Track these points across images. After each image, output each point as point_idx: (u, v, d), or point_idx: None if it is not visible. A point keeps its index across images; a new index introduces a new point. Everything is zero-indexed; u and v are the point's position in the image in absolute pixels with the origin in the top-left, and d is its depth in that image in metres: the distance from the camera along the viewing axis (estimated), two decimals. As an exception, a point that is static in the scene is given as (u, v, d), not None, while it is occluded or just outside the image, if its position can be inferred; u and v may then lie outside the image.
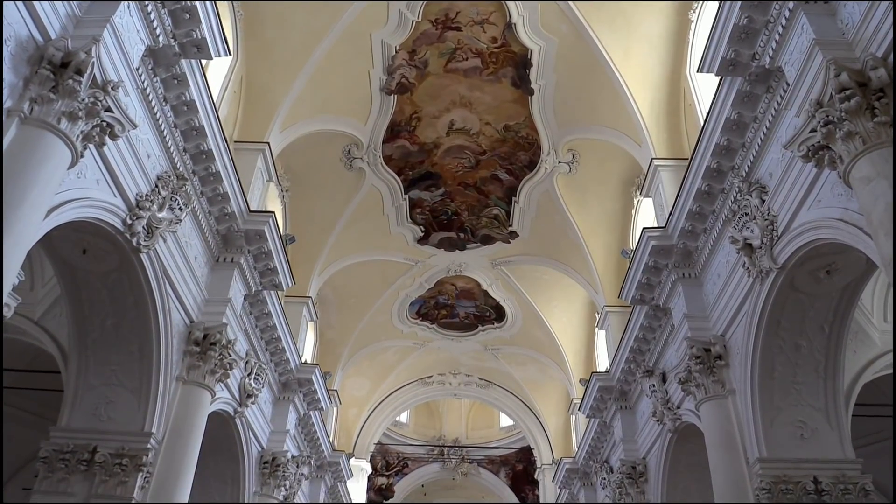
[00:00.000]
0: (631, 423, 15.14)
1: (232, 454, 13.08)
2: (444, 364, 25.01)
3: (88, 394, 9.55)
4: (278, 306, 13.66)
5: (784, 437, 9.26)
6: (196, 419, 10.26)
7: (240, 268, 11.68)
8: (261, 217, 11.78)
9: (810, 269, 8.66)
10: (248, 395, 12.63)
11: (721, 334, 10.49)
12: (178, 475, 9.68)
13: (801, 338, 9.24)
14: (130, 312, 9.45)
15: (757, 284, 9.24)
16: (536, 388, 24.51)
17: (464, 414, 31.08)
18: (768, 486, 8.95)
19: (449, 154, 16.74)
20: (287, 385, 15.48)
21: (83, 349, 9.56)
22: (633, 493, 14.19)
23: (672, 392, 12.34)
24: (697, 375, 10.45)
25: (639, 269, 12.12)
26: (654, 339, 13.30)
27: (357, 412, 24.93)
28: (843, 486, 8.92)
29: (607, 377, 15.48)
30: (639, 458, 14.41)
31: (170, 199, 9.33)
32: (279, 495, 14.57)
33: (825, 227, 7.72)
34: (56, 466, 9.02)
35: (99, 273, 9.17)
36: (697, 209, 10.71)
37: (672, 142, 13.28)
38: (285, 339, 14.36)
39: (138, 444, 9.28)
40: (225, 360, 10.80)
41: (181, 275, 10.23)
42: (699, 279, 11.37)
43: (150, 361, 9.59)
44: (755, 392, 9.40)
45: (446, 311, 22.22)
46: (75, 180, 7.58)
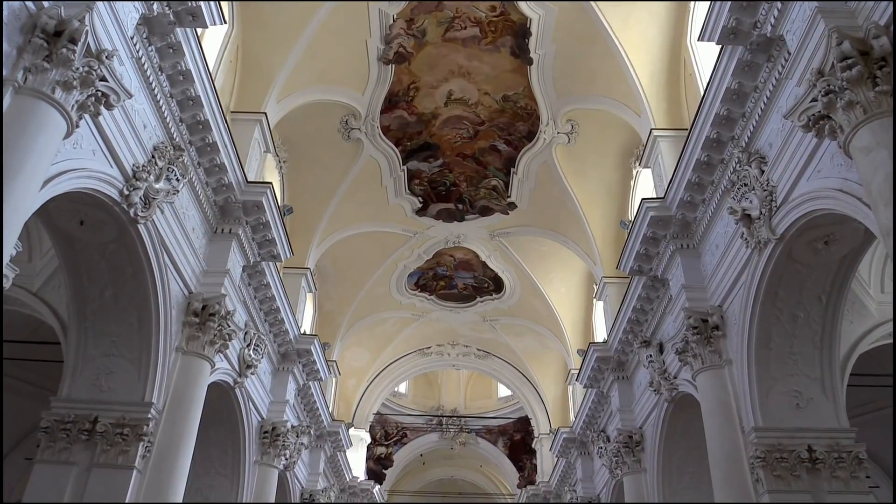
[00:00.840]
0: (628, 393, 15.26)
1: (232, 424, 13.18)
2: (443, 335, 25.13)
3: (88, 365, 9.60)
4: (277, 277, 13.68)
5: (780, 407, 9.33)
6: (196, 389, 10.32)
7: (238, 239, 11.67)
8: (258, 188, 11.73)
9: (808, 240, 8.66)
10: (247, 366, 12.70)
11: (718, 305, 10.53)
12: (178, 444, 9.77)
13: (799, 308, 9.27)
14: (129, 283, 9.45)
15: (755, 255, 9.25)
16: (534, 358, 24.66)
17: (462, 384, 31.31)
18: (763, 455, 9.04)
19: (447, 125, 16.64)
20: (286, 356, 15.56)
21: (82, 320, 9.58)
22: (630, 462, 14.35)
23: (669, 362, 12.42)
24: (694, 346, 10.51)
25: (637, 239, 12.12)
26: (651, 309, 13.36)
27: (356, 383, 25.11)
28: (836, 454, 9.01)
29: (605, 348, 15.57)
30: (635, 428, 14.54)
31: (167, 169, 9.29)
32: (279, 464, 14.72)
33: (824, 197, 7.70)
34: (57, 436, 9.09)
35: (97, 244, 9.16)
36: (696, 180, 10.68)
37: (672, 112, 13.20)
38: (284, 310, 14.41)
39: (139, 413, 9.35)
40: (224, 330, 10.84)
41: (179, 246, 10.22)
42: (697, 250, 11.38)
43: (149, 332, 9.62)
44: (752, 362, 9.45)
45: (445, 282, 22.27)
46: (71, 151, 7.53)
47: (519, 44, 14.58)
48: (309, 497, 18.56)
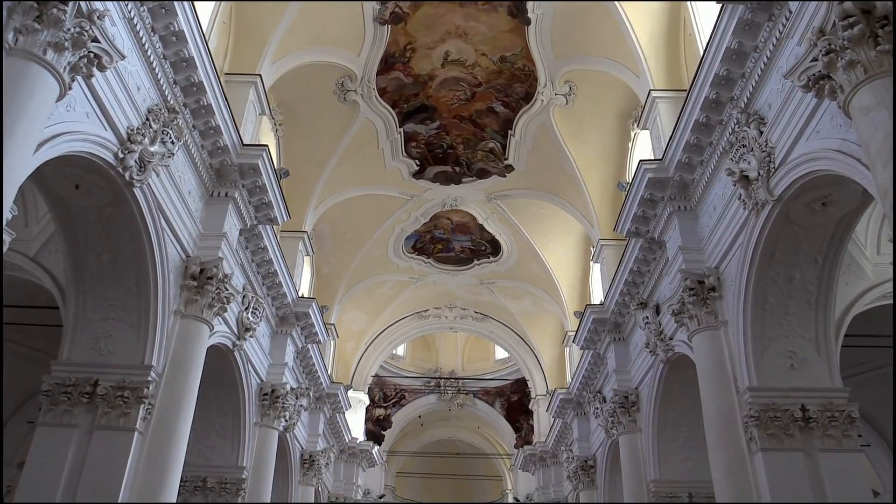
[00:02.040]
0: (624, 355, 15.39)
1: (232, 386, 13.30)
2: (440, 298, 25.23)
3: (87, 328, 9.63)
4: (274, 241, 13.68)
5: (774, 367, 9.42)
6: (195, 352, 10.39)
7: (234, 202, 11.63)
8: (254, 150, 11.66)
9: (806, 202, 8.65)
10: (245, 329, 12.77)
11: (715, 266, 10.56)
12: (179, 406, 9.86)
13: (795, 270, 9.30)
14: (126, 247, 9.44)
15: (752, 217, 9.25)
16: (531, 320, 24.82)
17: (460, 347, 31.54)
18: (757, 414, 9.16)
19: (444, 86, 16.49)
20: (284, 319, 15.63)
21: (80, 284, 9.59)
22: (625, 422, 14.53)
23: (665, 324, 12.50)
24: (691, 307, 10.57)
25: (634, 201, 12.10)
26: (648, 271, 13.41)
27: (354, 345, 25.28)
28: (829, 413, 9.12)
29: (601, 309, 15.66)
30: (631, 388, 14.71)
31: (161, 132, 9.21)
32: (279, 426, 14.89)
33: (823, 158, 7.68)
34: (59, 399, 9.15)
35: (93, 208, 9.11)
36: (695, 141, 10.62)
37: (671, 73, 13.08)
38: (282, 274, 14.44)
39: (139, 376, 9.41)
40: (222, 294, 10.87)
41: (175, 209, 10.19)
42: (694, 212, 11.37)
43: (147, 296, 9.64)
44: (747, 323, 9.52)
45: (442, 245, 22.28)
46: (64, 113, 7.46)
47: (517, 3, 14.37)
48: (309, 458, 18.82)
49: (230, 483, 13.12)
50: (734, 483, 9.37)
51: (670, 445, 13.25)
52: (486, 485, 35.74)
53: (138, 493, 9.04)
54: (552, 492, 23.67)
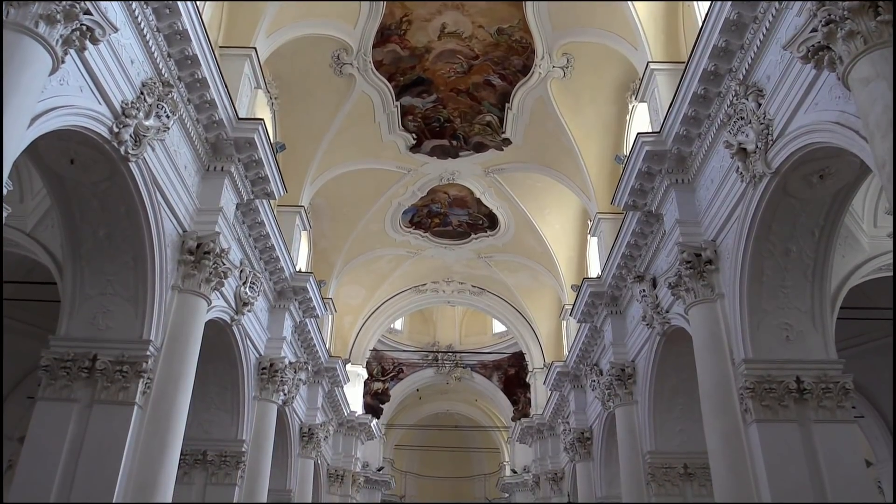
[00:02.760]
0: (621, 328, 15.46)
1: (230, 361, 13.35)
2: (438, 272, 25.26)
3: (85, 304, 9.63)
4: (271, 215, 13.65)
5: (770, 339, 9.48)
6: (193, 327, 10.41)
7: (230, 176, 11.59)
8: (250, 124, 11.59)
9: (804, 174, 8.64)
10: (243, 304, 12.79)
11: (712, 239, 10.57)
12: (178, 381, 9.90)
13: (791, 242, 9.32)
14: (122, 222, 9.41)
15: (750, 189, 9.24)
16: (529, 294, 24.89)
17: (457, 320, 31.65)
18: (752, 386, 9.23)
19: (441, 59, 16.35)
20: (282, 293, 15.66)
21: (77, 260, 9.57)
22: (622, 394, 14.64)
23: (662, 297, 12.55)
24: (687, 280, 10.61)
25: (632, 174, 12.08)
26: (645, 245, 13.42)
27: (352, 320, 25.35)
28: (824, 385, 9.20)
29: (599, 283, 15.70)
30: (628, 361, 14.80)
31: (156, 106, 9.14)
32: (278, 399, 14.98)
33: (821, 130, 7.65)
34: (58, 374, 9.18)
35: (88, 183, 9.07)
36: (693, 113, 10.58)
37: (669, 45, 12.97)
38: (279, 248, 14.43)
39: (137, 351, 9.44)
40: (219, 268, 10.87)
41: (171, 184, 10.15)
42: (692, 185, 11.36)
43: (144, 271, 9.63)
44: (743, 296, 9.55)
45: (439, 219, 22.27)
46: (58, 87, 7.39)
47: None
48: (308, 431, 18.96)
49: (230, 456, 13.24)
50: (729, 453, 9.47)
51: (666, 417, 13.37)
52: (483, 457, 36.12)
53: (139, 467, 9.12)
54: (549, 463, 23.92)
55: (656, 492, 12.93)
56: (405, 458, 35.53)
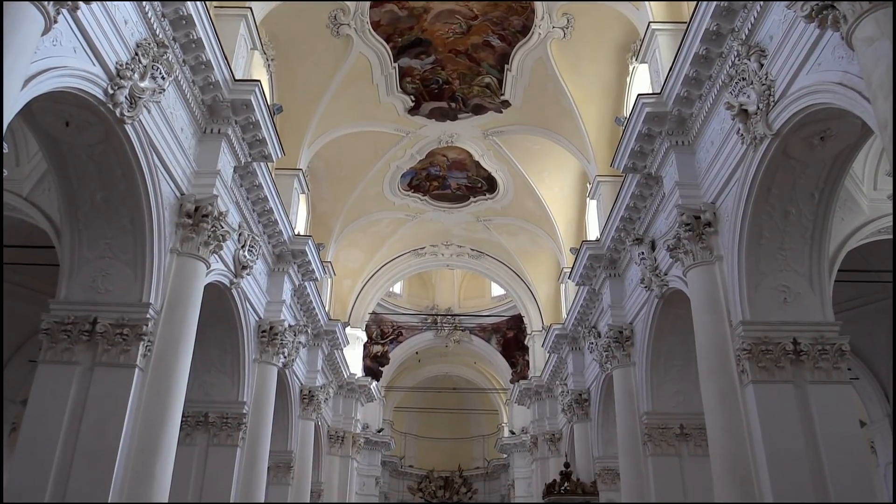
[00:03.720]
0: (619, 290, 15.51)
1: (230, 324, 13.40)
2: (437, 235, 25.25)
3: (84, 267, 9.63)
4: (269, 178, 13.59)
5: (767, 301, 9.51)
6: (192, 290, 10.43)
7: (227, 139, 11.50)
8: (246, 86, 11.46)
9: (804, 136, 8.58)
10: (242, 267, 12.80)
11: (711, 202, 10.55)
12: (178, 343, 9.95)
13: (791, 205, 9.29)
14: (119, 185, 9.36)
15: (750, 151, 9.19)
16: (527, 257, 24.91)
17: (456, 284, 31.73)
18: (749, 347, 9.29)
19: (439, 19, 16.09)
20: (281, 256, 15.67)
21: (75, 223, 9.54)
22: (619, 356, 14.75)
23: (660, 259, 12.56)
24: (686, 242, 10.61)
25: (632, 136, 12.00)
26: (644, 207, 13.39)
27: (351, 283, 25.41)
28: (820, 346, 9.25)
29: (597, 246, 15.70)
30: (626, 323, 14.87)
31: (151, 67, 9.03)
32: (278, 362, 15.09)
33: (823, 91, 7.58)
34: (59, 337, 9.22)
35: (84, 146, 8.99)
36: (694, 74, 10.46)
37: (671, 5, 12.78)
38: (277, 211, 14.39)
39: (137, 314, 9.46)
40: (218, 231, 10.85)
41: (168, 146, 10.07)
42: (692, 147, 11.29)
43: (142, 234, 9.61)
44: (742, 258, 9.56)
45: (438, 182, 22.17)
46: (51, 48, 7.28)
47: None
48: (308, 393, 19.14)
49: (231, 418, 13.38)
50: (725, 413, 9.58)
51: (663, 378, 13.49)
52: (482, 418, 36.51)
53: (141, 428, 9.21)
54: (547, 425, 24.20)
55: (652, 451, 13.10)
56: (405, 419, 35.93)
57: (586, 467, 18.87)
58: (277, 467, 17.42)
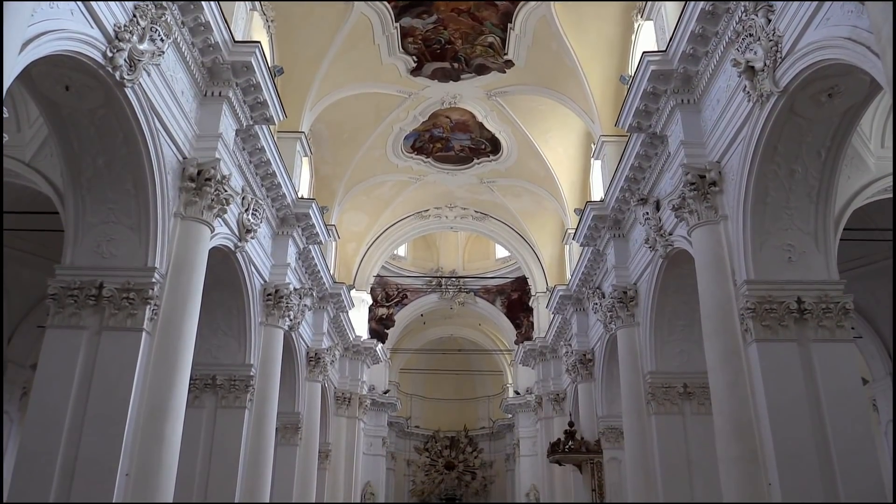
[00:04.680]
0: (623, 251, 15.51)
1: (235, 287, 13.46)
2: (440, 197, 25.19)
3: (89, 232, 9.65)
4: (271, 141, 13.52)
5: (772, 260, 9.50)
6: (197, 253, 10.45)
7: (228, 101, 11.41)
8: (246, 48, 11.33)
9: (812, 93, 8.47)
10: (246, 231, 12.81)
11: (717, 161, 10.47)
12: (184, 307, 10.00)
13: (797, 163, 9.22)
14: (121, 149, 9.32)
15: (756, 109, 9.09)
16: (532, 219, 24.88)
17: (460, 246, 31.75)
18: (753, 306, 9.30)
19: (441, -23, 15.85)
20: (285, 220, 15.67)
21: (78, 188, 9.53)
22: (624, 317, 14.80)
23: (665, 219, 12.52)
24: (691, 202, 10.56)
25: (637, 95, 11.88)
26: (649, 167, 13.31)
27: (356, 246, 25.45)
28: (824, 305, 9.27)
29: (602, 206, 15.65)
30: (630, 284, 14.90)
31: (150, 29, 8.91)
32: (284, 325, 15.19)
33: (831, 46, 7.45)
34: (66, 302, 9.28)
35: (85, 110, 8.94)
36: (700, 31, 10.30)
37: (677, -41, 12.53)
38: (280, 174, 14.35)
39: (143, 278, 9.51)
40: (221, 195, 10.84)
41: (169, 110, 10.00)
42: (698, 105, 11.17)
43: (146, 198, 9.60)
44: (747, 217, 9.52)
45: (441, 144, 22.02)
46: (48, 11, 7.19)
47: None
48: (314, 355, 19.30)
49: (239, 380, 13.52)
50: (728, 371, 9.64)
51: (667, 338, 13.56)
52: (487, 379, 36.87)
53: (150, 390, 9.32)
54: (551, 385, 24.41)
55: (656, 410, 13.23)
56: (410, 381, 36.28)
57: (590, 426, 19.08)
58: (286, 428, 17.66)
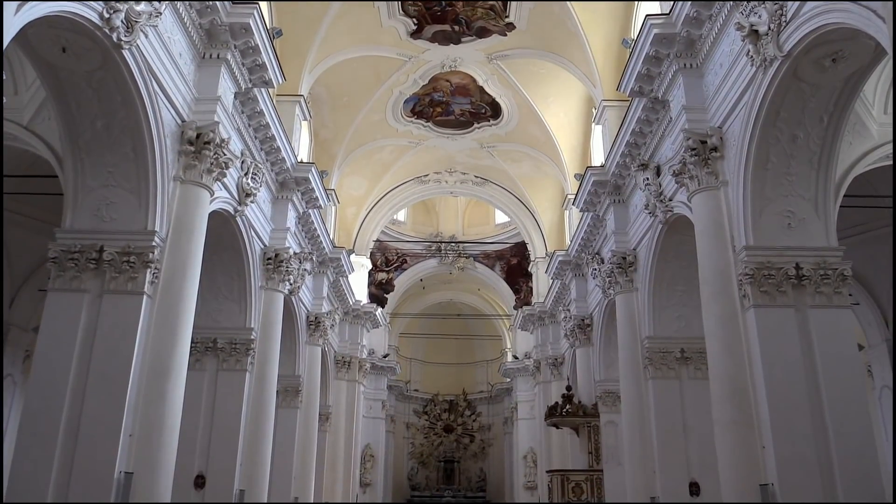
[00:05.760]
0: (623, 216, 15.50)
1: (236, 251, 13.49)
2: (440, 162, 25.09)
3: (88, 196, 9.63)
4: (270, 104, 13.42)
5: (771, 227, 9.51)
6: (197, 217, 10.45)
7: (227, 64, 11.30)
8: (245, 9, 11.17)
9: (816, 58, 8.39)
10: (246, 195, 12.79)
11: (718, 126, 10.42)
12: (184, 270, 10.03)
13: (799, 129, 9.17)
14: (119, 112, 9.26)
15: (760, 74, 9.01)
16: (531, 184, 24.82)
17: (460, 211, 31.73)
18: (752, 272, 9.34)
19: (441, -63, 15.58)
20: (285, 184, 15.63)
21: (76, 152, 9.49)
22: (622, 282, 14.86)
23: (665, 185, 12.50)
24: (692, 167, 10.53)
25: (639, 59, 11.77)
26: (650, 132, 13.25)
27: (355, 211, 25.44)
28: (823, 271, 9.29)
29: (602, 171, 15.61)
30: (629, 249, 14.92)
31: (146, -11, 8.79)
32: (284, 289, 15.25)
33: (837, 10, 7.36)
34: (66, 266, 9.30)
35: (82, 73, 8.86)
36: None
37: (682, -81, 12.30)
38: (279, 138, 14.28)
39: (143, 242, 9.52)
40: (220, 158, 10.80)
41: (167, 72, 9.91)
42: (700, 70, 11.07)
43: (145, 162, 9.57)
44: (747, 183, 9.50)
45: (441, 108, 21.85)
46: (43, -30, 7.09)
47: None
48: (315, 319, 19.41)
49: (240, 344, 13.62)
50: (725, 337, 9.72)
51: (665, 304, 13.63)
52: (486, 344, 37.15)
53: (151, 353, 9.40)
54: (549, 349, 24.60)
55: (653, 375, 13.36)
56: (410, 345, 36.55)
57: (588, 390, 19.29)
58: (286, 391, 17.85)
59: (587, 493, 18.04)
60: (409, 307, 33.53)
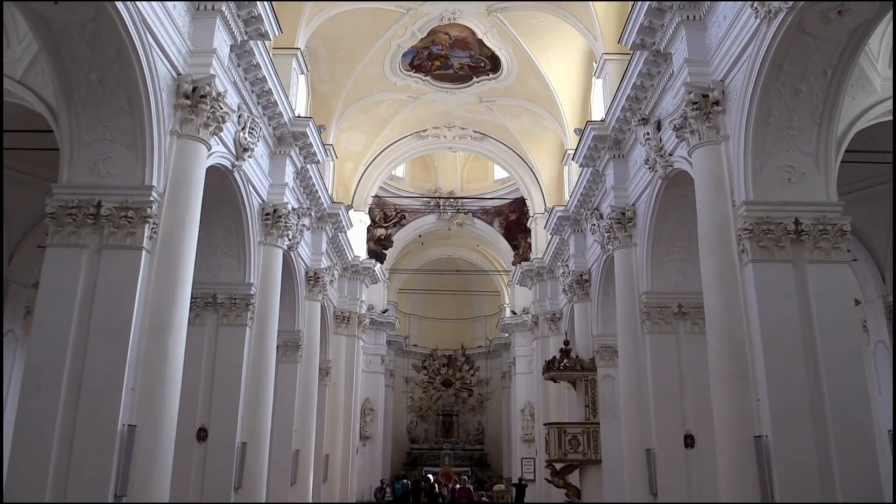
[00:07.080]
0: (623, 172, 15.44)
1: (234, 206, 13.44)
2: (439, 117, 24.88)
3: (84, 151, 9.55)
4: (266, 58, 13.23)
5: (772, 181, 9.48)
6: (194, 171, 10.38)
7: (222, 16, 11.10)
8: (239, -41, 10.96)
9: (821, 9, 8.26)
10: (243, 149, 12.69)
11: (721, 80, 10.30)
12: (183, 225, 10.01)
13: (802, 82, 9.07)
14: (114, 65, 9.12)
15: (763, 26, 8.87)
16: (531, 139, 24.66)
17: (459, 166, 31.58)
18: (751, 227, 9.33)
19: None
20: (282, 139, 15.51)
21: (71, 106, 9.37)
22: (621, 237, 14.87)
23: (666, 139, 12.42)
24: (693, 122, 10.44)
25: (641, 11, 11.57)
26: (651, 86, 13.10)
27: (353, 166, 25.30)
28: (821, 226, 9.29)
29: (602, 126, 15.48)
30: (628, 205, 14.89)
31: (137, -62, 8.59)
32: (283, 244, 15.25)
33: (844, -40, 7.24)
34: (64, 221, 9.27)
35: (75, 25, 8.69)
36: (708, -57, 9.96)
37: None
38: (276, 92, 14.11)
39: (141, 196, 9.47)
40: (217, 112, 10.68)
41: (162, 24, 9.74)
42: (703, 22, 10.90)
43: (141, 115, 9.46)
44: (748, 137, 9.44)
45: (440, 61, 21.56)
46: (31, -83, 6.92)
47: None
48: (314, 275, 19.47)
49: (239, 299, 13.68)
50: (723, 291, 9.77)
51: (663, 259, 13.67)
52: (484, 299, 37.37)
53: (152, 308, 9.44)
54: (548, 305, 24.75)
55: (650, 329, 13.46)
56: (409, 301, 36.78)
57: (585, 345, 19.46)
58: (286, 346, 17.99)
59: (583, 445, 18.34)
60: (408, 263, 33.62)
